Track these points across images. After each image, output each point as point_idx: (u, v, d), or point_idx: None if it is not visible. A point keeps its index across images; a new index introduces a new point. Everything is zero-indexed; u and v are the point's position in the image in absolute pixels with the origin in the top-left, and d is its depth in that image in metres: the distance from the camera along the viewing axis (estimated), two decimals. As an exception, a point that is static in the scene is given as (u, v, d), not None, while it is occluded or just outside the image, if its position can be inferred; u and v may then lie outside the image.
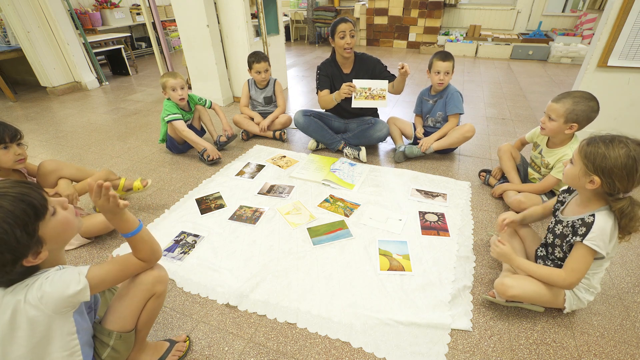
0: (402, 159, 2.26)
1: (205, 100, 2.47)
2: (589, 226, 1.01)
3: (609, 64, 2.07)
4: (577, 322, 1.21)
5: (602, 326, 1.20)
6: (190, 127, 2.43)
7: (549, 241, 1.21)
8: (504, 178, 1.94)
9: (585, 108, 1.43)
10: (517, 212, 1.65)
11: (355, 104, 2.15)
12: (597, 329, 1.19)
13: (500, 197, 1.89)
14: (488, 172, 2.03)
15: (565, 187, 1.24)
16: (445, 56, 2.14)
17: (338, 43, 2.15)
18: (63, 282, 0.76)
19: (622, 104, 2.16)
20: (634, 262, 1.47)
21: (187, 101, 2.35)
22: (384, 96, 2.12)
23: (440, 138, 2.23)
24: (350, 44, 2.14)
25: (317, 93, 2.38)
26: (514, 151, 1.88)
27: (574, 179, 1.04)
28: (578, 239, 1.03)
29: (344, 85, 2.08)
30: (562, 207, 1.19)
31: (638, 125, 2.20)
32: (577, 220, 1.06)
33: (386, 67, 2.29)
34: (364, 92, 2.12)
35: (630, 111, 2.17)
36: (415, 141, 2.37)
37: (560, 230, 1.14)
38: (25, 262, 0.73)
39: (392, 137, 2.48)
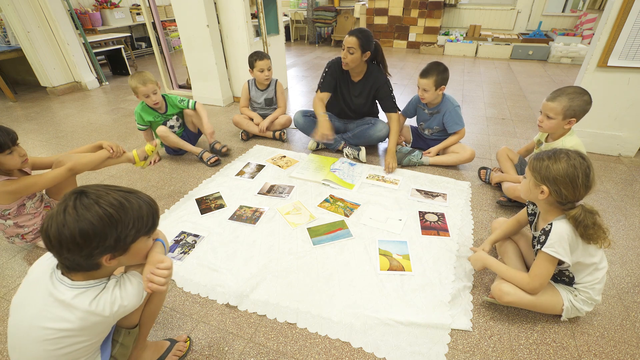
0: (401, 161, 2.23)
1: (187, 101, 2.30)
2: (547, 234, 1.07)
3: (609, 64, 2.07)
4: (577, 322, 1.21)
5: (602, 326, 1.20)
6: (186, 131, 2.39)
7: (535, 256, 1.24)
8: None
9: (581, 103, 1.47)
10: (513, 200, 1.76)
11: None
12: (597, 329, 1.19)
13: (497, 186, 1.96)
14: (488, 169, 2.04)
15: None
16: (427, 72, 2.03)
17: (341, 53, 2.12)
18: (136, 296, 0.84)
19: (622, 104, 2.16)
20: (634, 262, 1.47)
21: (165, 102, 2.24)
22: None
23: (444, 148, 2.23)
24: (345, 59, 2.07)
25: (317, 91, 2.31)
26: (510, 153, 1.96)
27: (527, 191, 1.13)
28: (539, 246, 1.09)
29: (324, 133, 2.10)
30: (534, 220, 1.23)
31: (638, 125, 2.20)
32: (541, 231, 1.12)
33: (392, 90, 2.21)
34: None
35: (630, 111, 2.17)
36: (414, 145, 2.40)
37: (535, 245, 1.19)
38: (104, 259, 0.77)
39: None
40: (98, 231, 0.72)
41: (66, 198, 0.75)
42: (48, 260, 0.82)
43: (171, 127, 2.29)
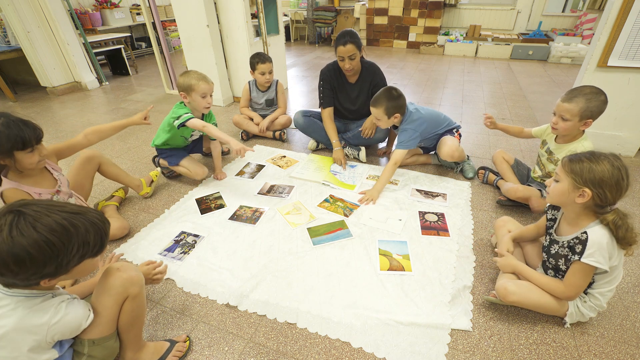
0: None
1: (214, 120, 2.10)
2: (584, 243, 1.03)
3: (609, 64, 2.06)
4: (577, 323, 1.20)
5: (602, 326, 1.20)
6: (197, 148, 2.26)
7: (544, 259, 1.23)
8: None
9: (598, 103, 1.40)
10: (513, 200, 1.74)
11: None
12: (597, 329, 1.19)
13: (496, 187, 1.95)
14: (487, 169, 2.03)
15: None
16: (376, 100, 1.86)
17: (339, 63, 2.10)
18: (78, 316, 0.81)
19: (622, 104, 2.16)
20: (634, 262, 1.47)
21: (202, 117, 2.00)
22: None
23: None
24: (349, 67, 2.05)
25: (319, 107, 2.31)
26: (505, 155, 1.93)
27: (562, 195, 1.06)
28: (576, 257, 1.05)
29: (337, 157, 2.20)
30: (554, 225, 1.19)
31: (638, 125, 2.20)
32: (573, 239, 1.07)
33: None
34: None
35: (630, 111, 2.17)
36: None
37: (556, 250, 1.15)
38: (43, 282, 0.74)
39: None
40: (35, 259, 0.67)
41: (2, 217, 0.69)
42: None
43: (192, 135, 2.12)
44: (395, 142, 2.01)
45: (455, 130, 2.12)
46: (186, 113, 1.84)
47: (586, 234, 1.03)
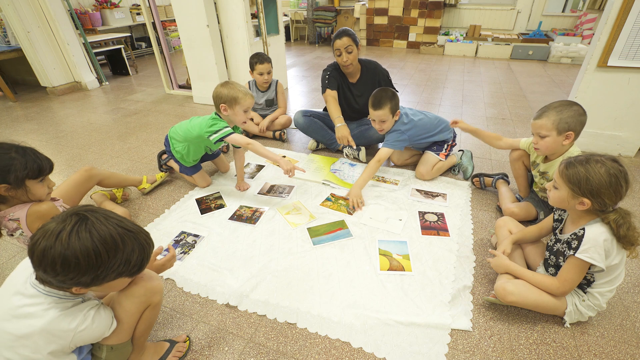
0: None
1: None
2: (580, 239, 1.03)
3: (609, 64, 2.06)
4: (577, 322, 1.20)
5: (602, 326, 1.20)
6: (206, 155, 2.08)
7: (546, 257, 1.23)
8: (504, 176, 1.93)
9: (572, 113, 1.34)
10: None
11: None
12: (597, 329, 1.19)
13: (495, 187, 1.93)
14: (480, 175, 1.99)
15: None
16: (379, 103, 1.82)
17: (336, 59, 2.12)
18: (103, 326, 0.83)
19: (622, 104, 2.16)
20: (634, 262, 1.47)
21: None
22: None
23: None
24: (347, 61, 2.07)
25: (323, 93, 2.25)
26: (526, 159, 1.71)
27: (562, 202, 1.07)
28: (571, 252, 1.05)
29: (343, 136, 2.13)
30: (560, 226, 1.19)
31: (638, 125, 2.20)
32: (571, 235, 1.08)
33: (390, 82, 2.23)
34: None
35: (630, 111, 2.17)
36: None
37: (557, 247, 1.15)
38: (74, 289, 0.76)
39: None
40: (79, 266, 0.70)
41: (67, 217, 0.72)
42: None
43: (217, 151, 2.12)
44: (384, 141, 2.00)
45: (446, 144, 2.07)
46: (226, 127, 1.73)
47: (584, 230, 1.03)
